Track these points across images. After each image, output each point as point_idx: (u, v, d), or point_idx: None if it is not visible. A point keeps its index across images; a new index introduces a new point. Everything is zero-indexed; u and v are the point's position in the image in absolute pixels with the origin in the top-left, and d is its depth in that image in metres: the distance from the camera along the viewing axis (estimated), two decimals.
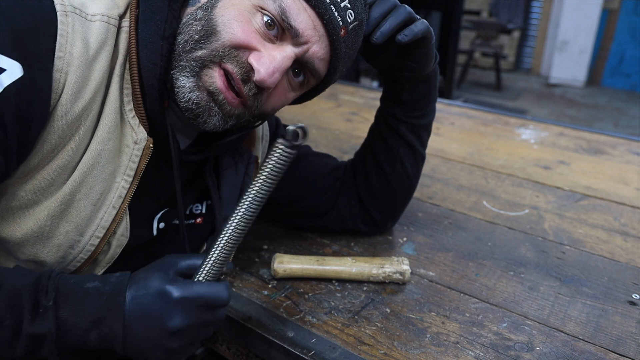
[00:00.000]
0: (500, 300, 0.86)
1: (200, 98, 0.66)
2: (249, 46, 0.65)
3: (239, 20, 0.64)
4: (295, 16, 0.64)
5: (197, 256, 0.66)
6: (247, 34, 0.64)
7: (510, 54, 6.99)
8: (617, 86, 6.44)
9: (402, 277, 0.87)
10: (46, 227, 0.64)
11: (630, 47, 6.28)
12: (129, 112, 0.68)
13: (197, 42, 0.65)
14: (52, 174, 0.62)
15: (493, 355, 0.73)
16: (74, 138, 0.63)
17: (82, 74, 0.61)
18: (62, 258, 0.67)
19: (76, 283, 0.59)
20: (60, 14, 0.60)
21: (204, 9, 0.66)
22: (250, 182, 0.86)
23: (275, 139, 0.96)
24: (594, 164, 1.45)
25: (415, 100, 0.90)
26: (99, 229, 0.68)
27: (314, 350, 0.74)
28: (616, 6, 6.20)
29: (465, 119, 1.83)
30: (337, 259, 0.90)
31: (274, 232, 1.05)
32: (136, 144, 0.68)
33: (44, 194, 0.63)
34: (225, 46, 0.64)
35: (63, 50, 0.60)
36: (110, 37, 0.65)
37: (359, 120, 1.74)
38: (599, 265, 0.96)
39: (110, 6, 0.66)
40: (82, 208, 0.66)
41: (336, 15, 0.66)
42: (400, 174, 0.96)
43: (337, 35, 0.67)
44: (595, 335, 0.78)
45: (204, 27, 0.65)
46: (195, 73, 0.65)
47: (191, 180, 0.82)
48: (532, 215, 1.14)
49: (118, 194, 0.68)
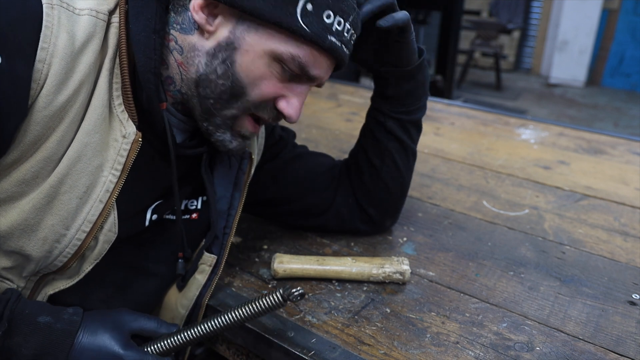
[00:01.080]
0: (500, 300, 0.86)
1: (239, 145, 0.75)
2: (276, 96, 0.71)
3: (264, 77, 0.68)
4: (312, 66, 0.69)
5: (150, 319, 0.71)
6: (274, 89, 0.70)
7: (510, 54, 6.99)
8: (617, 86, 6.44)
9: (402, 277, 0.87)
10: (31, 220, 0.64)
11: (630, 47, 6.28)
12: (118, 106, 0.68)
13: (227, 101, 0.69)
14: (36, 166, 0.62)
15: (493, 355, 0.73)
16: (57, 130, 0.62)
17: (67, 65, 0.61)
18: (48, 252, 0.67)
19: (30, 314, 0.63)
20: (46, 7, 0.60)
21: (222, 61, 0.67)
22: (243, 177, 0.87)
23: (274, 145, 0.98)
24: (594, 164, 1.45)
25: (400, 96, 0.92)
26: (85, 223, 0.67)
27: (314, 350, 0.74)
28: (616, 6, 6.20)
29: (465, 119, 1.83)
30: (337, 259, 0.90)
31: (274, 232, 1.05)
32: (125, 138, 0.68)
33: (28, 186, 0.63)
34: (255, 103, 0.70)
35: (47, 42, 0.59)
36: (99, 32, 0.65)
37: (359, 120, 1.74)
38: (599, 265, 0.96)
39: (99, 2, 0.66)
40: (68, 201, 0.65)
41: (346, 51, 0.71)
42: (390, 167, 0.97)
43: (345, 62, 0.73)
44: (595, 335, 0.78)
45: (232, 88, 0.68)
46: (230, 126, 0.73)
47: (186, 175, 0.82)
48: (532, 215, 1.14)
49: (105, 187, 0.68)
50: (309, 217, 1.02)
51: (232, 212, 0.86)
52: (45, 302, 0.70)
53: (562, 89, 6.25)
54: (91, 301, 0.77)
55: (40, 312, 0.63)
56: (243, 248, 0.98)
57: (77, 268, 0.72)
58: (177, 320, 0.84)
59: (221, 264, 0.85)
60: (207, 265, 0.83)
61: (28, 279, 0.70)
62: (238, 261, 0.94)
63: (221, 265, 0.85)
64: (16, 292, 0.65)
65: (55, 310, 0.65)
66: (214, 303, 0.84)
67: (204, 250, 0.84)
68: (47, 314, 0.64)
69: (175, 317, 0.84)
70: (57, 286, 0.72)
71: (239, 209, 0.87)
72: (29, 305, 0.64)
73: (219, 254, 0.84)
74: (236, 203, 0.87)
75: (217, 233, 0.85)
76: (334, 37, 0.67)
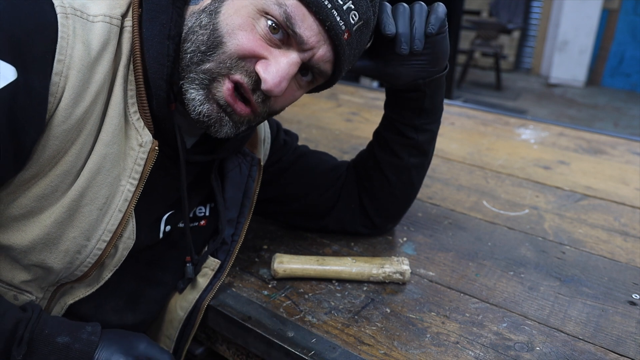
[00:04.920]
0: (500, 300, 0.86)
1: (211, 110, 0.66)
2: (255, 54, 0.64)
3: (243, 28, 0.63)
4: (300, 23, 0.63)
5: (163, 352, 0.70)
6: (252, 43, 0.64)
7: (510, 54, 6.99)
8: (617, 86, 6.44)
9: (402, 277, 0.87)
10: (53, 234, 0.63)
11: (630, 47, 6.28)
12: (133, 114, 0.67)
13: (205, 53, 0.64)
14: (55, 180, 0.61)
15: (493, 355, 0.73)
16: (76, 143, 0.61)
17: (83, 77, 0.60)
18: (70, 263, 0.66)
19: (49, 335, 0.63)
20: (60, 17, 0.58)
21: (208, 13, 0.65)
22: (253, 184, 0.86)
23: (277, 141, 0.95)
24: (594, 164, 1.45)
25: (437, 106, 0.88)
26: (105, 232, 0.67)
27: (314, 350, 0.74)
28: (616, 6, 6.20)
29: (465, 119, 1.83)
30: (337, 259, 0.90)
31: (274, 232, 1.05)
32: (141, 147, 0.67)
33: (48, 201, 0.62)
34: (232, 57, 0.64)
35: (64, 54, 0.58)
36: (113, 38, 0.63)
37: (359, 120, 1.74)
38: (599, 265, 0.96)
39: (112, 5, 0.64)
40: (89, 213, 0.65)
41: (338, 20, 0.65)
42: (406, 184, 0.95)
43: (340, 40, 0.66)
44: (595, 335, 0.78)
45: (209, 38, 0.64)
46: (205, 86, 0.65)
47: (196, 183, 0.82)
48: (532, 215, 1.14)
49: (124, 197, 0.67)
50: (310, 218, 1.01)
51: (242, 220, 0.86)
52: (63, 317, 0.70)
53: (562, 89, 6.25)
54: (104, 311, 0.77)
55: (59, 332, 0.63)
56: (243, 248, 0.98)
57: (97, 276, 0.72)
58: (175, 323, 0.83)
59: (225, 269, 0.85)
60: (210, 269, 0.83)
61: (46, 289, 0.70)
62: (238, 261, 0.94)
63: (225, 271, 0.85)
64: (37, 309, 0.64)
65: (74, 328, 0.65)
66: (214, 303, 0.84)
67: (209, 254, 0.84)
68: (66, 333, 0.64)
69: (174, 319, 0.84)
70: (77, 295, 0.72)
71: (249, 217, 0.87)
72: (49, 323, 0.64)
73: (224, 259, 0.84)
74: (246, 211, 0.87)
75: (225, 239, 0.84)
76: None
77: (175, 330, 0.83)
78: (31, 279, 0.67)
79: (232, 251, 0.85)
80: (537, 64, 7.09)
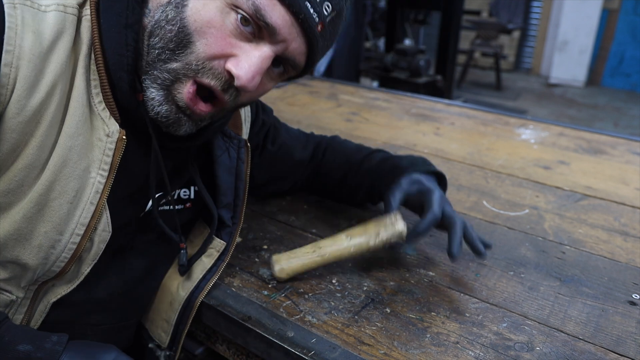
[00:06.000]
0: (500, 300, 0.86)
1: (169, 112, 0.65)
2: (225, 55, 0.63)
3: (212, 25, 0.61)
4: (270, 13, 0.61)
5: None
6: (222, 44, 0.62)
7: (510, 54, 7.00)
8: (617, 86, 6.44)
9: (401, 237, 0.87)
10: (24, 229, 0.63)
11: (630, 47, 6.28)
12: (98, 104, 0.65)
13: (173, 51, 0.62)
14: (18, 175, 0.60)
15: (493, 355, 0.73)
16: (35, 135, 0.60)
17: (36, 67, 0.58)
18: (45, 259, 0.66)
19: (9, 342, 0.59)
20: (7, 7, 0.57)
21: (175, 5, 0.62)
22: (243, 166, 0.86)
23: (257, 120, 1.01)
24: (594, 164, 1.45)
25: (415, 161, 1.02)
26: (78, 226, 0.66)
27: (314, 350, 0.74)
28: (616, 6, 6.20)
29: (465, 119, 1.83)
30: (331, 240, 0.88)
31: (274, 232, 1.05)
32: (109, 137, 0.66)
33: (15, 196, 0.61)
34: (199, 59, 0.62)
35: (12, 44, 0.56)
36: (69, 27, 0.62)
37: (359, 120, 1.74)
38: (599, 265, 0.96)
39: None
40: (59, 207, 0.64)
41: (312, 12, 0.63)
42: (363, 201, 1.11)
43: (314, 32, 0.65)
44: (595, 335, 0.78)
45: (177, 35, 0.61)
46: (166, 87, 0.64)
47: (179, 166, 0.81)
48: (532, 215, 1.14)
49: (94, 189, 0.66)
50: (313, 182, 1.13)
51: (239, 202, 0.86)
52: (30, 327, 0.68)
53: (562, 89, 6.25)
54: (90, 308, 0.76)
55: (21, 340, 0.60)
56: (243, 248, 0.98)
57: (76, 271, 0.71)
58: (176, 304, 0.83)
59: (229, 251, 0.85)
60: (216, 250, 0.83)
61: (27, 288, 0.69)
62: (238, 261, 0.94)
63: (229, 253, 0.85)
64: (2, 316, 0.63)
65: (39, 337, 0.62)
66: (214, 303, 0.84)
67: (214, 235, 0.84)
68: (28, 342, 0.60)
69: (174, 301, 0.83)
70: (58, 292, 0.72)
71: (245, 199, 0.87)
72: (12, 331, 0.61)
73: (228, 241, 0.85)
74: (241, 193, 0.86)
75: (225, 221, 0.85)
76: None
77: (175, 312, 0.83)
78: (9, 277, 0.67)
79: (234, 233, 0.86)
80: (537, 64, 7.10)
